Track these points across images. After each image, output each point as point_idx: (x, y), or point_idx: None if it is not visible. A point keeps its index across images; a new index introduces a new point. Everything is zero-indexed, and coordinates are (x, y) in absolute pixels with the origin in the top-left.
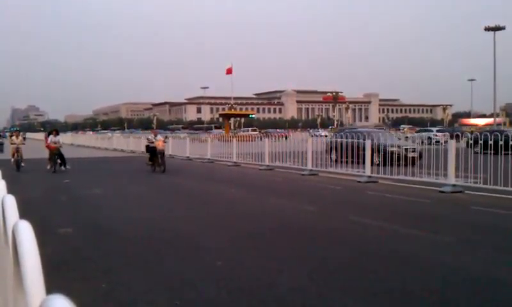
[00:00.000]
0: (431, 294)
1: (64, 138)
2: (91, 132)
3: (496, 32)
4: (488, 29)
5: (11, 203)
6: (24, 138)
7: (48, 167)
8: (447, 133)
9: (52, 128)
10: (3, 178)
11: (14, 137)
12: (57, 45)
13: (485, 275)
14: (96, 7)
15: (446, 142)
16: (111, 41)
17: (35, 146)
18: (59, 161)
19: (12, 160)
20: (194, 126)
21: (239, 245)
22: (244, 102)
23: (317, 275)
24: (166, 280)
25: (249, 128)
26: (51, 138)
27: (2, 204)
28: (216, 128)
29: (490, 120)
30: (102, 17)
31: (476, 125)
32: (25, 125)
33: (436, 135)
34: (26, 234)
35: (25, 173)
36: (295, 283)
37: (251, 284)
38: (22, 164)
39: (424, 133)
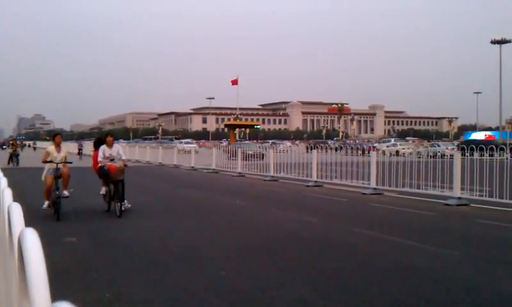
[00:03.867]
0: None
1: (69, 147)
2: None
3: (503, 45)
4: (494, 42)
5: (17, 211)
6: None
7: (102, 192)
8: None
9: (103, 134)
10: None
11: (52, 147)
12: (63, 55)
13: (491, 289)
14: (103, 19)
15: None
16: (118, 52)
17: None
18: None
19: (45, 204)
20: (166, 137)
21: (242, 256)
22: (250, 112)
23: (320, 287)
24: (169, 290)
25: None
26: (103, 151)
27: (9, 212)
28: (176, 138)
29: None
30: (109, 28)
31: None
32: (31, 133)
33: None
34: (32, 242)
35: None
36: (298, 295)
37: (254, 295)
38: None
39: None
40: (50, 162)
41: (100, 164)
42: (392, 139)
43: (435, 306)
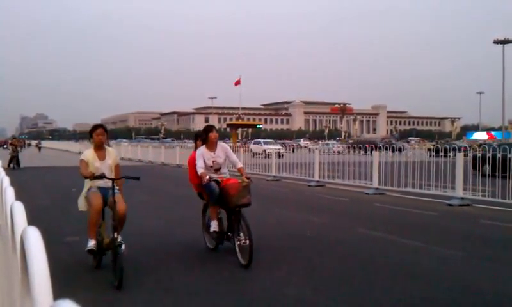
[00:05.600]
0: None
1: (72, 146)
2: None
3: (506, 45)
4: (497, 41)
5: (19, 209)
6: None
7: (214, 229)
8: None
9: (206, 128)
10: None
11: (91, 151)
12: (65, 54)
13: (494, 290)
14: (106, 19)
15: None
16: (120, 51)
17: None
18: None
19: (91, 243)
20: (154, 136)
21: None
22: (252, 112)
23: (323, 287)
24: (174, 290)
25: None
26: (203, 156)
27: (11, 211)
28: (163, 138)
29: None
30: (111, 28)
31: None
32: (34, 133)
33: None
34: (34, 240)
35: None
36: (301, 295)
37: (258, 295)
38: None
39: None
40: (100, 177)
41: (205, 179)
42: (301, 140)
43: (437, 306)
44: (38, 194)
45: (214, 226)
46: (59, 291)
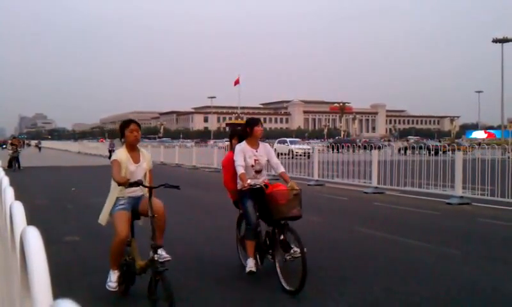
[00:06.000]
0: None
1: (71, 146)
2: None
3: (504, 43)
4: (495, 40)
5: (19, 209)
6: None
7: (250, 269)
8: None
9: (250, 120)
10: None
11: (123, 151)
12: (64, 54)
13: (493, 288)
14: (105, 19)
15: None
16: (119, 51)
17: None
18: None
19: (113, 277)
20: (150, 136)
21: None
22: (251, 111)
23: (321, 285)
24: (174, 290)
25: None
26: (243, 152)
27: (10, 210)
28: (159, 138)
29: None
30: (111, 28)
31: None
32: (33, 132)
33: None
34: (34, 240)
35: None
36: (301, 295)
37: (256, 294)
38: None
39: None
40: (136, 184)
41: (246, 184)
42: (288, 140)
43: (437, 305)
44: (37, 194)
45: (250, 264)
46: (57, 292)
